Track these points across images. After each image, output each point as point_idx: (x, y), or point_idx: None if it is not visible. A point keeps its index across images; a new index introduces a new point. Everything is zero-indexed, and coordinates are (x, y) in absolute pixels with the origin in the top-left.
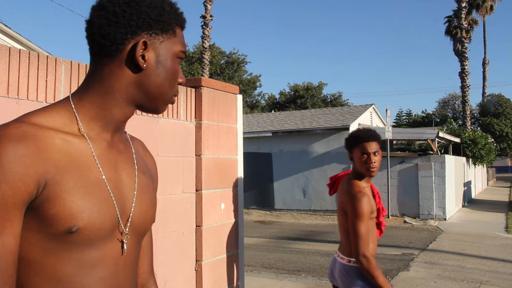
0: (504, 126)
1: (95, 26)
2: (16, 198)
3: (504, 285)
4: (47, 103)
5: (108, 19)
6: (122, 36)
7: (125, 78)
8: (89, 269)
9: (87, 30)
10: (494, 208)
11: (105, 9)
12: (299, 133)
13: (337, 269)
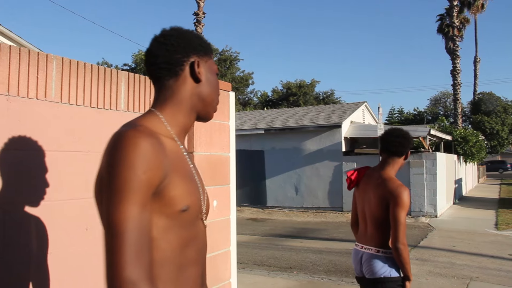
0: (495, 124)
1: (159, 56)
2: (153, 183)
3: (494, 281)
4: (38, 99)
5: (169, 50)
6: (182, 59)
7: (189, 90)
8: (192, 242)
9: (150, 60)
10: (484, 205)
11: (165, 43)
12: (292, 130)
13: (364, 260)
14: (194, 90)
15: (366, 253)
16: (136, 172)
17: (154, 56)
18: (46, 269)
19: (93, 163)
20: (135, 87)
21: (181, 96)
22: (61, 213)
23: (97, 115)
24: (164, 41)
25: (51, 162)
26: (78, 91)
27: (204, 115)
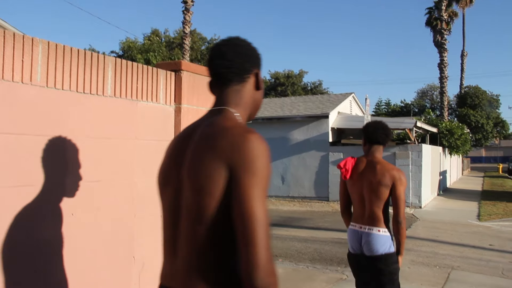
0: (480, 118)
1: (234, 62)
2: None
3: (474, 270)
4: (24, 83)
5: (243, 59)
6: (250, 69)
7: (251, 96)
8: None
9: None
10: (467, 197)
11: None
12: (279, 120)
13: (366, 239)
14: (254, 96)
15: (368, 233)
16: (269, 173)
17: (229, 61)
18: (32, 253)
19: (79, 147)
20: (122, 73)
21: (246, 100)
22: (46, 198)
23: (83, 100)
24: (240, 50)
25: (36, 146)
26: (65, 76)
27: (251, 117)
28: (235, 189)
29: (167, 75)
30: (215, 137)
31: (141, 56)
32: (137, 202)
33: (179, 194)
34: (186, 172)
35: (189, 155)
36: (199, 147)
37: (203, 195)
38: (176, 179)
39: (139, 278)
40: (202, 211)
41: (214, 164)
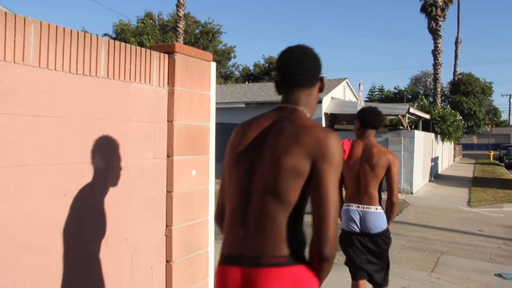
0: (473, 105)
1: (309, 69)
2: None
3: (463, 255)
4: (16, 63)
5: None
6: (319, 75)
7: (316, 97)
8: None
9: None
10: (458, 184)
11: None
12: (272, 104)
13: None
14: (316, 97)
15: (367, 211)
16: (342, 165)
17: (305, 69)
18: (24, 233)
19: (72, 128)
20: (115, 54)
21: (312, 101)
22: (39, 178)
23: (76, 81)
24: (313, 60)
25: (29, 127)
26: (57, 56)
27: (311, 115)
28: (317, 176)
29: (161, 57)
30: (301, 133)
31: (135, 39)
32: (130, 184)
33: (253, 175)
34: (272, 160)
35: (276, 146)
36: (287, 141)
37: (287, 180)
38: (251, 162)
39: (131, 260)
40: (283, 192)
41: (301, 156)
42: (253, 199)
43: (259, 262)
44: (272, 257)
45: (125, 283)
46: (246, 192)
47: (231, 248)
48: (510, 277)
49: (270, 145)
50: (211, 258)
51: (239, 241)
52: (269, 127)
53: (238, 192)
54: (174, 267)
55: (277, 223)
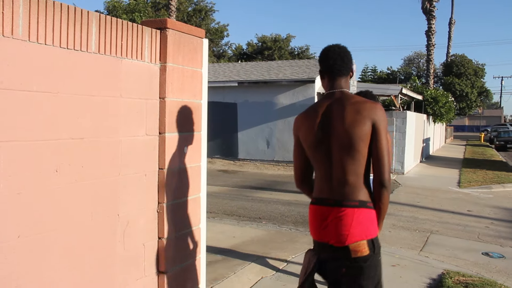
0: (465, 86)
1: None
2: None
3: (451, 234)
4: (5, 37)
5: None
6: (352, 66)
7: (349, 82)
8: None
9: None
10: (449, 165)
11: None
12: (265, 84)
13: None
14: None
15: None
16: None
17: (345, 63)
18: (15, 208)
19: (63, 104)
20: (106, 29)
21: (348, 84)
22: (29, 154)
23: (67, 56)
24: (349, 56)
25: (19, 102)
26: (47, 30)
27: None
28: (376, 135)
29: (152, 33)
30: (359, 107)
31: (126, 16)
32: (122, 160)
33: (333, 146)
34: (344, 130)
35: (344, 120)
36: (352, 115)
37: (359, 143)
38: (329, 137)
39: (123, 235)
40: (357, 152)
41: (365, 123)
42: (335, 161)
43: (344, 203)
44: (352, 201)
45: (118, 259)
46: (331, 158)
47: (321, 193)
48: (496, 256)
49: (340, 121)
50: (203, 235)
51: (328, 190)
52: (331, 109)
53: (325, 160)
54: (166, 244)
55: (357, 176)
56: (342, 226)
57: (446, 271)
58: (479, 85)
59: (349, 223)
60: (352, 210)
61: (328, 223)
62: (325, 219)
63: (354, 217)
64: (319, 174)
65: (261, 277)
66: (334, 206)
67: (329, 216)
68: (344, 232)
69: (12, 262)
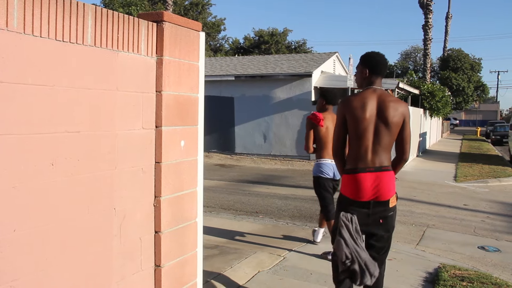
0: (461, 81)
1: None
2: None
3: (448, 228)
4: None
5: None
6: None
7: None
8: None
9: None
10: (446, 159)
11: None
12: (262, 78)
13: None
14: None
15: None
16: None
17: (386, 67)
18: (10, 202)
19: (58, 97)
20: (103, 22)
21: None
22: (25, 147)
23: (63, 48)
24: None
25: (14, 94)
26: (43, 22)
27: None
28: (404, 125)
29: (149, 26)
30: (397, 105)
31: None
32: (118, 154)
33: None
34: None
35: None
36: (392, 109)
37: (395, 129)
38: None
39: (120, 229)
40: (393, 135)
41: (400, 117)
42: (383, 141)
43: (382, 168)
44: (386, 166)
45: (114, 253)
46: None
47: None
48: (492, 250)
49: (386, 111)
50: (199, 229)
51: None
52: (376, 100)
53: (368, 136)
54: (162, 237)
55: (388, 150)
56: (385, 184)
57: (442, 265)
58: (476, 79)
59: (389, 182)
60: (388, 173)
61: (378, 184)
62: (374, 181)
63: (390, 177)
64: (363, 147)
65: (258, 271)
66: (379, 172)
67: (376, 179)
68: (388, 189)
69: (8, 256)
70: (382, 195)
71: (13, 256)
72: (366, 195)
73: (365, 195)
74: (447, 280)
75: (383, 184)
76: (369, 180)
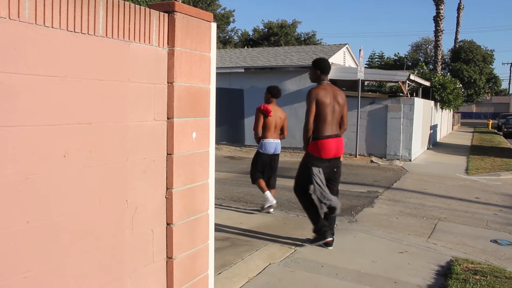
0: (473, 73)
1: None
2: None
3: (459, 221)
4: (11, 19)
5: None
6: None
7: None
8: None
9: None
10: (457, 152)
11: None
12: (272, 70)
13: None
14: None
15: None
16: None
17: (330, 68)
18: (24, 194)
19: (70, 88)
20: (114, 12)
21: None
22: (37, 139)
23: (74, 39)
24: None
25: (26, 85)
26: (54, 13)
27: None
28: (345, 106)
29: (160, 16)
30: (342, 92)
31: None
32: (130, 146)
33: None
34: (341, 102)
35: (340, 97)
36: (342, 96)
37: (342, 107)
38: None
39: (132, 221)
40: (341, 111)
41: (344, 100)
42: (336, 117)
43: (338, 135)
44: (339, 134)
45: (126, 245)
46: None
47: (331, 132)
48: (505, 243)
49: (337, 97)
50: (211, 221)
51: (336, 130)
52: (331, 90)
53: (332, 115)
54: (174, 229)
55: (338, 123)
56: (342, 146)
57: (455, 258)
58: (488, 71)
59: (342, 145)
60: (341, 138)
61: (339, 146)
62: (338, 144)
63: (343, 141)
64: (328, 122)
65: (269, 263)
66: (339, 137)
67: (339, 142)
68: (342, 148)
69: (21, 248)
70: (339, 152)
71: (26, 248)
72: (331, 153)
73: (330, 153)
74: (459, 273)
75: (340, 145)
76: (334, 143)
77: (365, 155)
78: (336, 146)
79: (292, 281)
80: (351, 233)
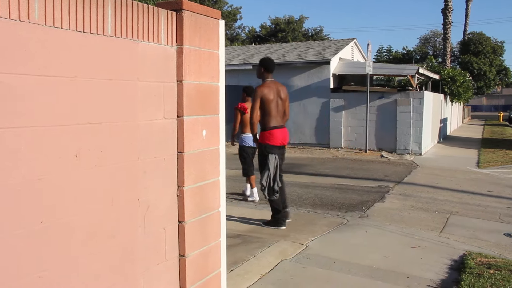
0: (483, 65)
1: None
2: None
3: (472, 215)
4: (21, 21)
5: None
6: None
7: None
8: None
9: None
10: (467, 145)
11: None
12: (280, 66)
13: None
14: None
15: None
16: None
17: (274, 66)
18: (37, 194)
19: (80, 88)
20: (122, 11)
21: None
22: (49, 139)
23: (83, 39)
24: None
25: (37, 86)
26: (63, 14)
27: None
28: (287, 100)
29: (168, 15)
30: (284, 88)
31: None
32: (140, 145)
33: (279, 102)
34: (283, 96)
35: (282, 92)
36: (284, 91)
37: (285, 101)
38: (278, 98)
39: (144, 220)
40: (283, 104)
41: (286, 94)
42: (280, 110)
43: (283, 126)
44: (283, 125)
45: (139, 243)
46: (278, 108)
47: (277, 123)
48: None
49: (282, 94)
50: (223, 218)
51: (280, 121)
52: (275, 87)
53: (277, 109)
54: (186, 227)
55: (282, 114)
56: (287, 136)
57: (468, 252)
58: (498, 63)
59: (287, 134)
60: (286, 128)
61: (285, 135)
62: (283, 133)
63: (287, 131)
64: (273, 115)
65: (280, 260)
66: (284, 128)
67: (284, 132)
68: (287, 137)
69: (36, 248)
70: (285, 141)
71: (41, 248)
72: (278, 141)
73: (278, 141)
74: (473, 267)
75: (285, 135)
76: (279, 133)
77: (375, 150)
78: (282, 135)
79: (304, 278)
80: (363, 228)
